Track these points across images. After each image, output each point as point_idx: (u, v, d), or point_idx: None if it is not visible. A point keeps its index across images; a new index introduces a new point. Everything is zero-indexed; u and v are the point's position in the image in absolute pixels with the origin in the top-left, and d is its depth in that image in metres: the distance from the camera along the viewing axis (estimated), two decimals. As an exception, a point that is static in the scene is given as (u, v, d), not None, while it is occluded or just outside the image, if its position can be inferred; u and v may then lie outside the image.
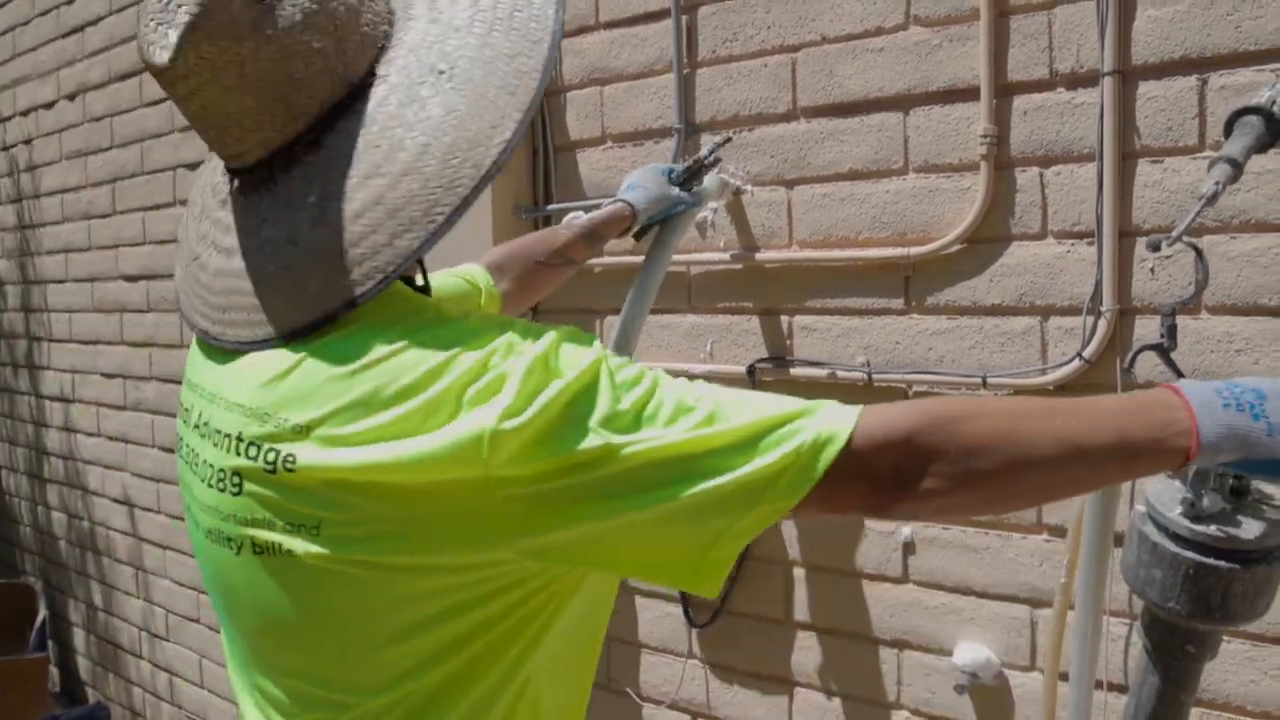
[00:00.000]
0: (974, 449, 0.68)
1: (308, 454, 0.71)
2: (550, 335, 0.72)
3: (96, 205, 3.27)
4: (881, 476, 0.68)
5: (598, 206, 1.52)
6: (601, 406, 0.68)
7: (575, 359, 0.70)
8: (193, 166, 2.84)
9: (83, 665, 3.75)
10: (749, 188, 1.66)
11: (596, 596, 0.85)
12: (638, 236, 1.52)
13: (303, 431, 0.71)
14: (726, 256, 1.69)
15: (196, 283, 0.81)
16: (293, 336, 0.75)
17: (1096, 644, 1.20)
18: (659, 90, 1.76)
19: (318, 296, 0.74)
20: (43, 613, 3.70)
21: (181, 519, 3.05)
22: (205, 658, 3.06)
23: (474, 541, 0.70)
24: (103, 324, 3.30)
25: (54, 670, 3.84)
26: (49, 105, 3.47)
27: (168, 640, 3.21)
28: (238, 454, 0.75)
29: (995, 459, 0.68)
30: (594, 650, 0.90)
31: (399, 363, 0.70)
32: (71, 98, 3.34)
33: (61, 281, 3.50)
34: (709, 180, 1.61)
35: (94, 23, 3.19)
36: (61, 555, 3.77)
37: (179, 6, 0.71)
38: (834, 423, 0.68)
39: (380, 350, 0.71)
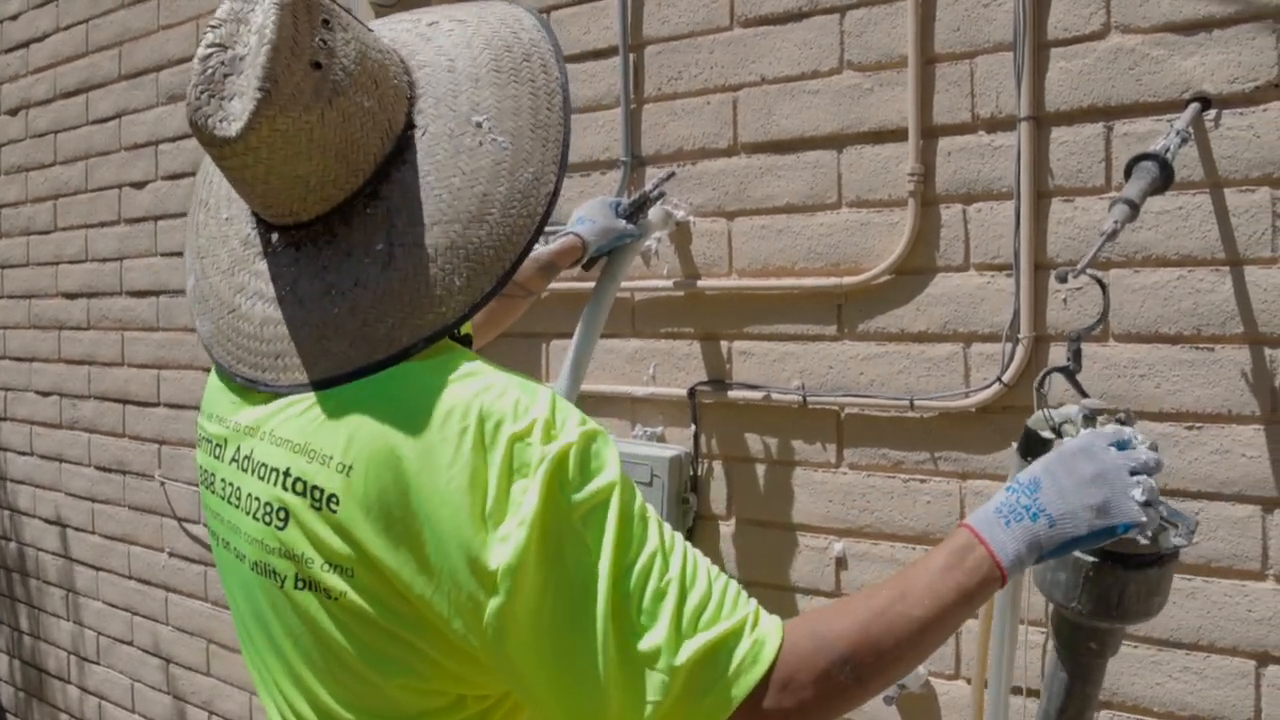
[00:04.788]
0: (866, 675, 0.73)
1: (349, 494, 0.73)
2: (577, 430, 0.73)
3: (37, 221, 3.22)
4: (788, 710, 0.71)
5: (549, 235, 1.57)
6: (594, 554, 0.70)
7: (595, 471, 0.72)
8: (139, 185, 2.83)
9: (4, 692, 3.63)
10: (691, 219, 1.73)
11: None
12: (587, 267, 1.58)
13: (345, 471, 0.73)
14: (669, 284, 1.75)
15: (238, 333, 0.82)
16: (358, 375, 0.76)
17: (1013, 651, 1.28)
18: (606, 124, 1.83)
19: (392, 334, 0.76)
20: (-37, 639, 3.60)
21: (112, 538, 3.01)
22: (138, 681, 3.00)
23: (464, 620, 0.72)
24: (39, 341, 3.24)
25: (-26, 699, 3.73)
26: (-12, 120, 3.43)
27: (98, 664, 3.14)
28: (284, 488, 0.76)
29: (882, 675, 0.75)
30: None
31: (438, 410, 0.72)
32: (13, 113, 3.30)
33: (-4, 298, 3.44)
34: (653, 212, 1.67)
35: (40, 39, 3.17)
36: (-14, 579, 3.67)
37: (241, 77, 0.73)
38: (756, 652, 0.71)
39: (420, 396, 0.73)
